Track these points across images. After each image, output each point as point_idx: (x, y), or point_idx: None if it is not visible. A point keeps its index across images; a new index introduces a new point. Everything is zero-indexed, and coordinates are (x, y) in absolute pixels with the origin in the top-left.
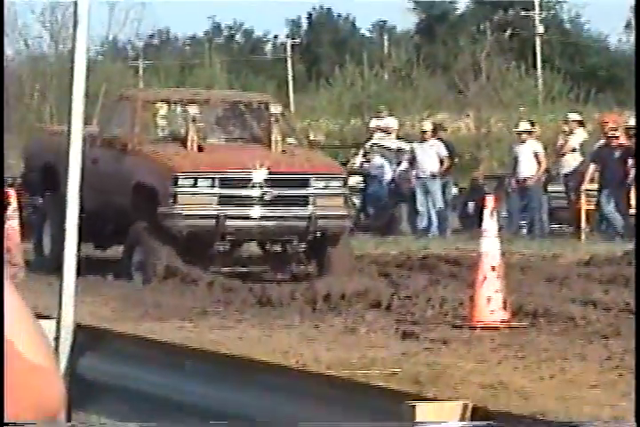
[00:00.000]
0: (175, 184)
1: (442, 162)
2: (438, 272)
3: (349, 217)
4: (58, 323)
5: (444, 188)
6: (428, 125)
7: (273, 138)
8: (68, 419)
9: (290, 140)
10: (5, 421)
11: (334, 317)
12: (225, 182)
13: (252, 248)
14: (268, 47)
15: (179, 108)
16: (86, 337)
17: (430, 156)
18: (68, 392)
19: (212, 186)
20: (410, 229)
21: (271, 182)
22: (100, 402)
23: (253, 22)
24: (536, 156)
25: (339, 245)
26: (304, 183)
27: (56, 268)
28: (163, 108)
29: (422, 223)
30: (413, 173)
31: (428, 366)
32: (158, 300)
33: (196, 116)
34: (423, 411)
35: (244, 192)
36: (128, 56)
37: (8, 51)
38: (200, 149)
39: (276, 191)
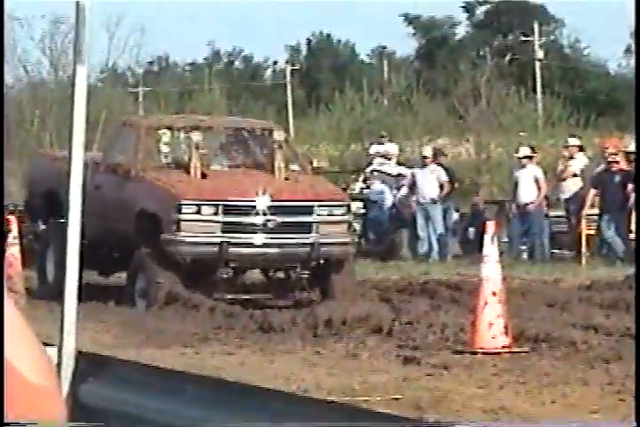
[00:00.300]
0: (179, 211)
1: (442, 187)
2: (439, 297)
3: (353, 244)
4: (59, 350)
5: (445, 213)
6: (428, 151)
7: (276, 165)
8: None
9: (293, 166)
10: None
11: (336, 342)
12: (228, 209)
13: (256, 275)
14: (268, 73)
15: (182, 135)
16: (88, 364)
17: (430, 181)
18: (70, 418)
19: (216, 213)
20: (411, 254)
21: (274, 209)
22: None
23: (253, 48)
24: (536, 181)
25: (342, 271)
26: (307, 210)
27: (60, 294)
28: (166, 135)
29: (423, 248)
30: (414, 198)
31: (429, 392)
32: (160, 326)
33: (200, 142)
34: None
35: (247, 219)
36: (128, 82)
37: (8, 77)
38: (203, 175)
39: (279, 218)
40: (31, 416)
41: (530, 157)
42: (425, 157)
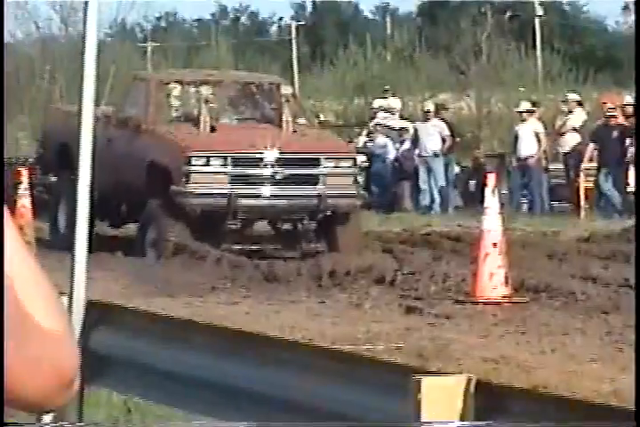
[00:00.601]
0: (188, 163)
1: (444, 141)
2: (441, 249)
3: (358, 196)
4: (70, 299)
5: (447, 166)
6: (430, 105)
7: (284, 118)
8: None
9: (300, 120)
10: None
11: (340, 292)
12: (237, 162)
13: (263, 227)
14: (274, 29)
15: (192, 89)
16: (98, 313)
17: (432, 135)
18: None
19: (225, 165)
20: (413, 206)
21: (282, 162)
22: (109, 375)
23: (259, 4)
24: (536, 135)
25: (348, 223)
26: (314, 163)
27: (71, 245)
28: (176, 89)
29: (425, 201)
30: (416, 151)
31: (431, 341)
32: (168, 276)
33: (209, 96)
34: (428, 385)
35: (255, 171)
36: (136, 38)
37: (18, 32)
38: (212, 129)
39: (286, 171)
40: (45, 363)
41: (530, 112)
42: (427, 112)
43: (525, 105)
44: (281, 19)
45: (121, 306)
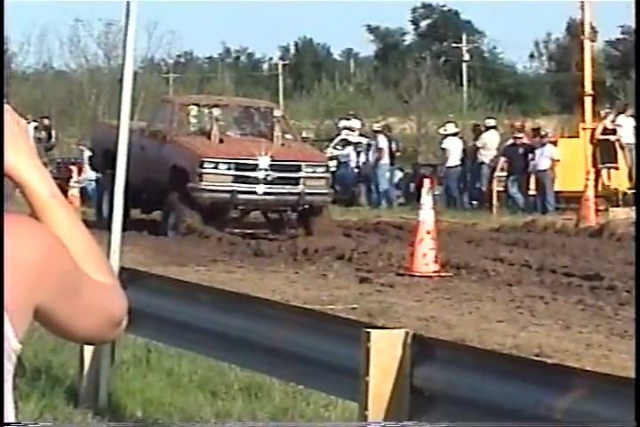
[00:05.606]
0: (201, 166)
1: (392, 153)
2: (387, 234)
3: (330, 194)
4: None
5: (393, 172)
6: (381, 126)
7: (275, 134)
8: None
9: (287, 136)
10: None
11: (310, 265)
12: (238, 166)
13: (257, 216)
14: (265, 66)
15: (206, 110)
16: (128, 276)
17: (384, 148)
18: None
19: (229, 168)
20: (367, 202)
21: (273, 167)
22: (135, 324)
23: (254, 47)
24: (461, 150)
25: (321, 214)
26: (297, 168)
27: (110, 225)
28: (194, 110)
29: (376, 198)
30: (371, 160)
31: (378, 303)
32: (182, 250)
33: (219, 116)
34: (376, 336)
35: (252, 174)
36: (162, 70)
37: (72, 64)
38: (221, 140)
39: (276, 174)
40: (102, 309)
41: (455, 133)
42: (379, 131)
43: (451, 128)
44: (271, 58)
45: (145, 272)
